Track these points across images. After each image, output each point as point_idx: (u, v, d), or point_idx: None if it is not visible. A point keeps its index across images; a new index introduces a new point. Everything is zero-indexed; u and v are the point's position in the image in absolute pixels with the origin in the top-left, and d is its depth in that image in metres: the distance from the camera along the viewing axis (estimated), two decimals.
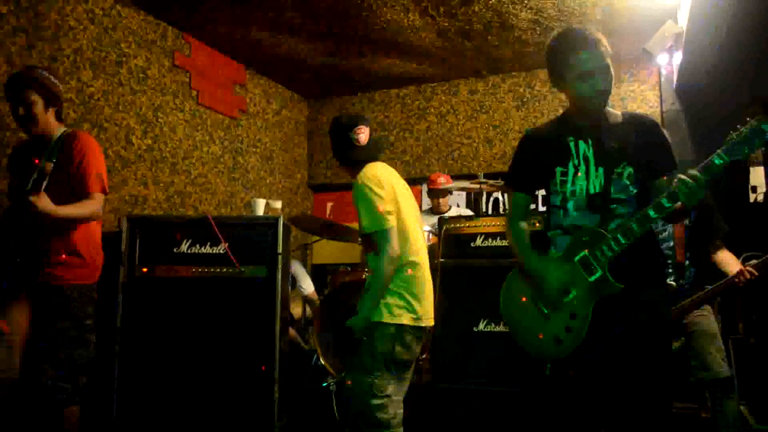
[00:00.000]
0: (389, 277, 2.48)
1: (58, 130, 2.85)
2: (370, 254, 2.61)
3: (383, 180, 2.56)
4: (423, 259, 2.63)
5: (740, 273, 2.98)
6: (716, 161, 1.84)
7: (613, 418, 2.02)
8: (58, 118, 2.88)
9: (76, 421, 2.80)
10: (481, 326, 3.47)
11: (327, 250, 6.00)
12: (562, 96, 2.29)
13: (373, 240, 2.50)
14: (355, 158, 2.69)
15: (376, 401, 2.44)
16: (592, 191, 2.08)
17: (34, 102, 2.77)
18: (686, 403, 3.45)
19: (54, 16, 3.90)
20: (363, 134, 2.69)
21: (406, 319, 2.49)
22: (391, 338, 2.47)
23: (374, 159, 2.70)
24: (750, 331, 3.80)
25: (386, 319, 2.47)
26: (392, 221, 2.50)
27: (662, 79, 5.40)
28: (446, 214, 4.75)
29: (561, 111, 2.32)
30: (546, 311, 2.11)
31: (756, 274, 2.96)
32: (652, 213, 1.93)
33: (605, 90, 2.07)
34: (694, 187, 1.82)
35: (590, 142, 2.10)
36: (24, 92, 2.76)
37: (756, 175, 4.62)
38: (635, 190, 2.06)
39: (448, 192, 5.04)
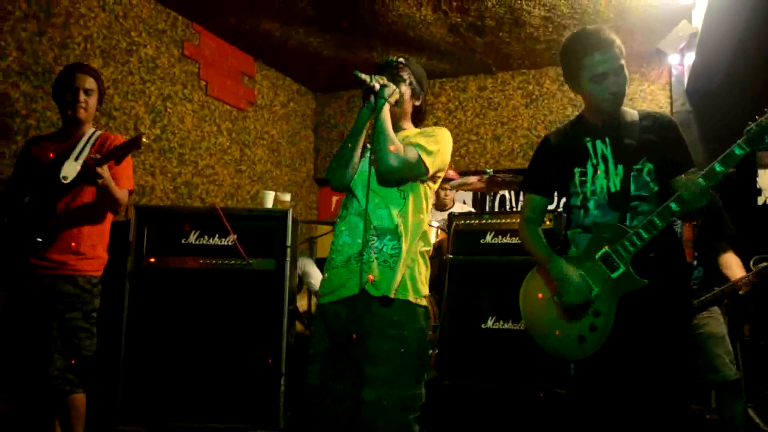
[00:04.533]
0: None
1: (90, 129, 2.91)
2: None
3: None
4: None
5: (742, 281, 2.96)
6: (737, 151, 1.85)
7: (634, 416, 2.01)
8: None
9: (83, 409, 2.81)
10: (490, 323, 3.45)
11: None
12: (572, 94, 2.28)
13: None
14: None
15: (413, 415, 1.94)
16: (612, 189, 2.07)
17: (93, 91, 2.86)
18: (692, 404, 3.44)
19: (65, 3, 3.86)
20: None
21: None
22: (426, 324, 2.04)
23: None
24: (757, 333, 3.79)
25: (420, 298, 2.03)
26: None
27: (673, 80, 5.36)
28: (452, 210, 4.73)
29: (570, 109, 2.32)
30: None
31: (755, 280, 2.94)
32: (674, 206, 1.92)
33: (619, 92, 2.07)
34: (697, 192, 1.84)
35: (607, 140, 2.10)
36: (89, 79, 2.85)
37: (764, 177, 4.61)
38: (656, 188, 2.05)
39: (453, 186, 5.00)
